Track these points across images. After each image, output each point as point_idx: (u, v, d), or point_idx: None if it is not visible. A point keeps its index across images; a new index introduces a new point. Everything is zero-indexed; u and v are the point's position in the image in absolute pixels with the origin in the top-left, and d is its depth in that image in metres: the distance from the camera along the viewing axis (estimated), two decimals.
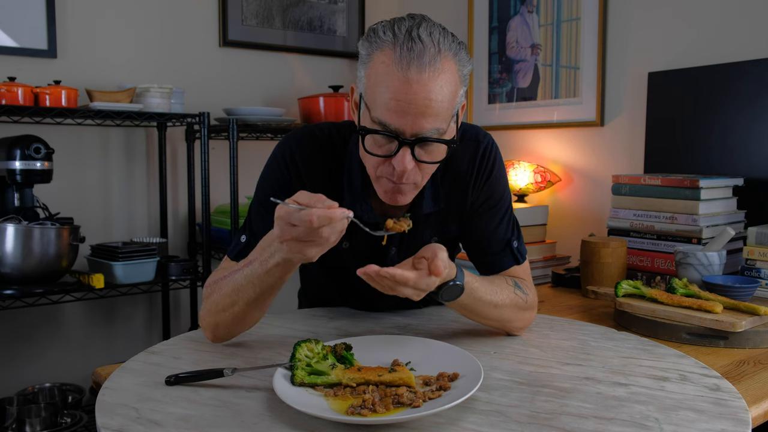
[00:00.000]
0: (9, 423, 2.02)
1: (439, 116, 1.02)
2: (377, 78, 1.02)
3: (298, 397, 0.87)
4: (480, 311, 1.14)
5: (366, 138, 1.06)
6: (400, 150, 1.03)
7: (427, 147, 1.05)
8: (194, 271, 2.35)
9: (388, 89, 1.00)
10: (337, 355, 0.97)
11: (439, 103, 1.01)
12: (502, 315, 1.17)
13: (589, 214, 2.32)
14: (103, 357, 2.46)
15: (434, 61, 0.99)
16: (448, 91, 1.02)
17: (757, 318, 1.34)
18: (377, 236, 1.10)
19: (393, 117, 1.01)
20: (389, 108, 1.00)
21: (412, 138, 1.02)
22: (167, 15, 2.56)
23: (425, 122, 1.01)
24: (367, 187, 1.19)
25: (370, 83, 1.04)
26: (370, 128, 1.04)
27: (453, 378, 0.92)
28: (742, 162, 1.88)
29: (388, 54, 1.01)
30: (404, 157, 1.03)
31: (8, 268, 1.97)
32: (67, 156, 2.36)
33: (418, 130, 1.01)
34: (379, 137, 1.04)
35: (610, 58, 2.25)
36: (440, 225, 1.27)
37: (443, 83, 1.01)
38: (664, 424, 0.82)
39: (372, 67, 1.04)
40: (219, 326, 1.11)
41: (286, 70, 2.87)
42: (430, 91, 0.99)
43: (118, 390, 0.93)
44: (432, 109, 1.00)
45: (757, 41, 1.89)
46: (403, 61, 0.99)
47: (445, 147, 1.07)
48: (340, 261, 1.28)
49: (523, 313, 1.20)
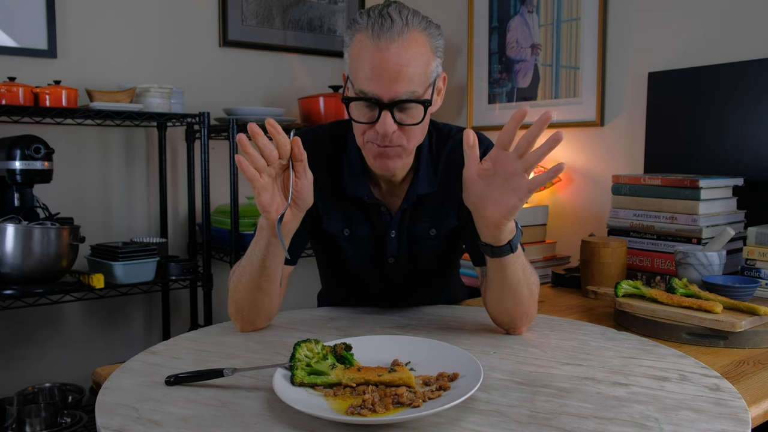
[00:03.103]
0: (9, 423, 2.02)
1: (413, 81, 1.12)
2: (356, 55, 1.15)
3: (297, 397, 0.87)
4: (515, 280, 1.15)
5: (351, 108, 1.18)
6: (381, 114, 1.13)
7: (406, 110, 1.15)
8: (194, 271, 2.35)
9: (365, 61, 1.13)
10: (336, 355, 0.97)
11: (411, 68, 1.12)
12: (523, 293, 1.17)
13: (589, 214, 2.32)
14: (103, 357, 2.46)
15: (403, 32, 1.11)
16: (420, 60, 1.13)
17: (757, 318, 1.34)
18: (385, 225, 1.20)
19: (370, 84, 1.12)
20: (366, 77, 1.13)
21: (390, 102, 1.13)
22: (167, 15, 2.56)
23: (399, 86, 1.12)
24: (366, 173, 1.28)
25: (352, 62, 1.17)
26: (353, 97, 1.16)
27: (453, 378, 0.92)
28: (742, 162, 1.88)
29: (364, 33, 1.14)
30: (385, 120, 1.13)
31: (8, 268, 1.97)
32: (67, 156, 2.36)
33: (393, 94, 1.12)
34: (363, 106, 1.16)
35: (610, 58, 2.25)
36: (439, 214, 1.31)
37: (414, 53, 1.12)
38: (664, 424, 0.82)
39: (352, 48, 1.17)
40: (240, 313, 1.21)
41: (286, 70, 2.87)
42: (401, 57, 1.11)
43: (118, 390, 0.93)
44: (404, 74, 1.11)
45: (757, 41, 1.89)
46: (374, 36, 1.11)
47: (423, 110, 1.16)
48: (342, 250, 1.33)
49: (535, 305, 1.22)
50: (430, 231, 1.32)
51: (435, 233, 1.32)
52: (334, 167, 1.30)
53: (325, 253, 1.42)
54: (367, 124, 1.16)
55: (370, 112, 1.15)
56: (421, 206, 1.31)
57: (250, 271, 1.16)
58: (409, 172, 1.30)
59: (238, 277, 1.19)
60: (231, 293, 1.21)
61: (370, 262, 1.35)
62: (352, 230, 1.32)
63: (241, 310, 1.20)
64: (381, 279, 1.37)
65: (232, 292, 1.21)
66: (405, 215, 1.31)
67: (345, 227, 1.32)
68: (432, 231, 1.32)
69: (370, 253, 1.34)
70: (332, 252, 1.36)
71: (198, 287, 2.55)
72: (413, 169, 1.30)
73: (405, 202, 1.30)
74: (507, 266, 1.13)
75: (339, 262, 1.37)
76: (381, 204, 1.30)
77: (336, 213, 1.31)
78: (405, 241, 1.33)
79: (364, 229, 1.32)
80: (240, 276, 1.19)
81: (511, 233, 1.10)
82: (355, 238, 1.32)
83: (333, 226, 1.32)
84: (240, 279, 1.18)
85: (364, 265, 1.35)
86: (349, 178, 1.29)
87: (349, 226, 1.32)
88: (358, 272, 1.37)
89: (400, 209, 1.30)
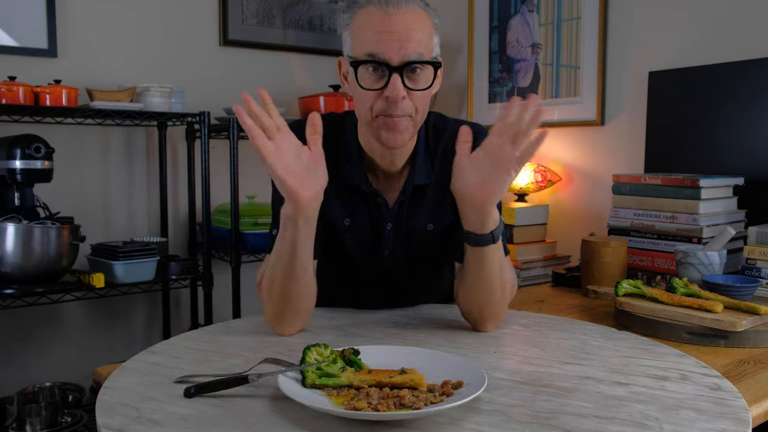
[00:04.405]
0: (9, 422, 2.02)
1: (421, 44, 1.14)
2: (362, 28, 1.15)
3: (300, 394, 0.87)
4: (491, 272, 1.16)
5: (360, 73, 1.16)
6: (391, 78, 1.13)
7: (415, 75, 1.15)
8: (194, 271, 2.35)
9: (373, 28, 1.13)
10: (345, 360, 0.96)
11: (419, 32, 1.14)
12: (496, 289, 1.18)
13: (590, 214, 2.32)
14: (103, 356, 2.46)
15: (408, 3, 1.14)
16: (427, 30, 1.16)
17: (758, 317, 1.34)
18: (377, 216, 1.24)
19: (380, 46, 1.13)
20: (375, 40, 1.13)
21: (399, 64, 1.13)
22: (168, 14, 2.56)
23: (409, 46, 1.13)
24: (363, 163, 1.29)
25: (355, 36, 1.17)
26: (362, 60, 1.15)
27: (457, 386, 0.92)
28: (743, 161, 1.88)
29: (367, 8, 1.15)
30: (395, 83, 1.13)
31: (8, 267, 1.97)
32: (67, 155, 2.36)
33: (403, 54, 1.13)
34: (371, 72, 1.15)
35: (611, 57, 2.25)
36: (437, 206, 1.32)
37: (421, 21, 1.15)
38: (665, 424, 0.82)
39: (355, 24, 1.17)
40: (280, 315, 1.18)
41: (286, 70, 2.87)
42: (410, 21, 1.13)
43: (118, 389, 0.93)
44: (414, 36, 1.13)
45: (757, 41, 1.89)
46: (382, 5, 1.13)
47: (432, 73, 1.17)
48: (342, 239, 1.33)
49: (505, 306, 1.23)
50: (428, 226, 1.32)
51: (432, 228, 1.32)
52: (333, 155, 1.29)
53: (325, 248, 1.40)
54: (376, 90, 1.15)
55: (379, 78, 1.15)
56: (419, 200, 1.31)
57: (282, 266, 1.14)
58: (406, 164, 1.30)
59: (270, 277, 1.17)
60: (266, 296, 1.18)
61: (368, 252, 1.34)
62: (352, 219, 1.32)
63: (281, 312, 1.18)
64: (377, 270, 1.36)
65: (266, 295, 1.18)
66: (403, 208, 1.31)
67: (345, 216, 1.31)
68: (429, 226, 1.32)
69: (368, 243, 1.34)
70: (331, 241, 1.35)
71: (198, 287, 2.55)
72: (410, 161, 1.30)
73: (402, 194, 1.30)
74: (485, 256, 1.14)
75: (337, 253, 1.36)
76: (378, 194, 1.29)
77: (336, 202, 1.31)
78: (401, 235, 1.33)
79: (364, 219, 1.32)
80: (272, 276, 1.17)
81: (494, 223, 1.12)
82: (354, 227, 1.32)
83: (334, 215, 1.31)
84: (273, 279, 1.16)
85: (362, 255, 1.35)
86: (347, 166, 1.29)
87: (349, 215, 1.31)
88: (355, 263, 1.36)
89: (398, 202, 1.30)
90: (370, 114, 1.18)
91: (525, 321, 1.32)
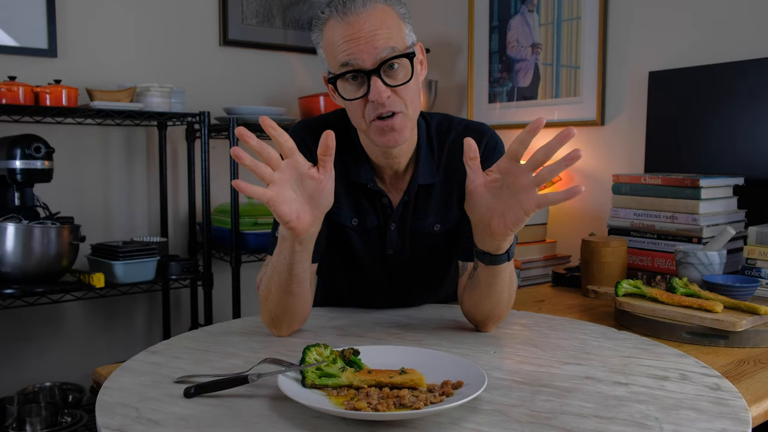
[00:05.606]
0: (9, 422, 2.02)
1: (390, 39, 1.14)
2: (330, 42, 1.16)
3: (299, 394, 0.87)
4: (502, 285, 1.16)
5: (340, 87, 1.17)
6: (371, 82, 1.14)
7: (393, 72, 1.15)
8: (194, 271, 2.35)
9: (340, 39, 1.14)
10: (345, 360, 0.96)
11: (384, 29, 1.14)
12: (504, 298, 1.18)
13: (590, 214, 2.32)
14: (103, 356, 2.46)
15: (366, 4, 1.14)
16: (392, 23, 1.15)
17: (758, 317, 1.34)
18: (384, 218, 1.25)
19: (350, 54, 1.13)
20: (344, 50, 1.14)
21: (373, 67, 1.13)
22: (167, 14, 2.56)
23: (378, 44, 1.13)
24: (368, 163, 1.29)
25: (328, 51, 1.18)
26: (338, 74, 1.16)
27: (457, 386, 0.92)
28: (743, 161, 1.88)
29: (330, 21, 1.16)
30: (376, 86, 1.13)
31: (9, 267, 1.97)
32: (67, 155, 2.36)
33: (375, 55, 1.13)
34: (351, 81, 1.16)
35: (611, 57, 2.25)
36: (444, 207, 1.32)
37: (383, 18, 1.15)
38: (665, 424, 0.82)
39: (324, 40, 1.18)
40: (276, 320, 1.19)
41: (286, 69, 2.87)
42: (372, 21, 1.13)
43: (118, 389, 0.93)
44: (380, 34, 1.13)
45: (757, 41, 1.89)
46: (341, 15, 1.14)
47: (410, 64, 1.16)
48: (350, 240, 1.33)
49: (509, 309, 1.23)
50: (435, 226, 1.32)
51: (440, 228, 1.33)
52: (341, 156, 1.27)
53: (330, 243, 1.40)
54: (359, 99, 1.16)
55: (360, 85, 1.16)
56: (425, 200, 1.31)
57: (278, 279, 1.14)
58: (410, 164, 1.30)
59: (267, 286, 1.17)
60: (263, 302, 1.19)
61: (372, 252, 1.35)
62: (360, 219, 1.32)
63: (277, 318, 1.18)
64: (381, 270, 1.37)
65: (263, 301, 1.19)
66: (407, 208, 1.31)
67: (353, 217, 1.32)
68: (437, 226, 1.32)
69: (373, 243, 1.34)
70: (338, 241, 1.35)
71: (198, 286, 2.55)
72: (414, 161, 1.30)
73: (406, 194, 1.30)
74: (499, 273, 1.14)
75: (343, 252, 1.37)
76: (384, 194, 1.30)
77: (345, 202, 1.31)
78: (406, 235, 1.33)
79: (370, 219, 1.32)
80: (269, 285, 1.17)
81: (509, 242, 1.10)
82: (362, 227, 1.32)
83: (343, 216, 1.32)
84: (269, 288, 1.16)
85: (367, 255, 1.35)
86: (354, 167, 1.29)
87: (357, 216, 1.32)
88: (360, 262, 1.36)
89: (402, 202, 1.30)
90: (364, 122, 1.18)
91: (525, 321, 1.32)
